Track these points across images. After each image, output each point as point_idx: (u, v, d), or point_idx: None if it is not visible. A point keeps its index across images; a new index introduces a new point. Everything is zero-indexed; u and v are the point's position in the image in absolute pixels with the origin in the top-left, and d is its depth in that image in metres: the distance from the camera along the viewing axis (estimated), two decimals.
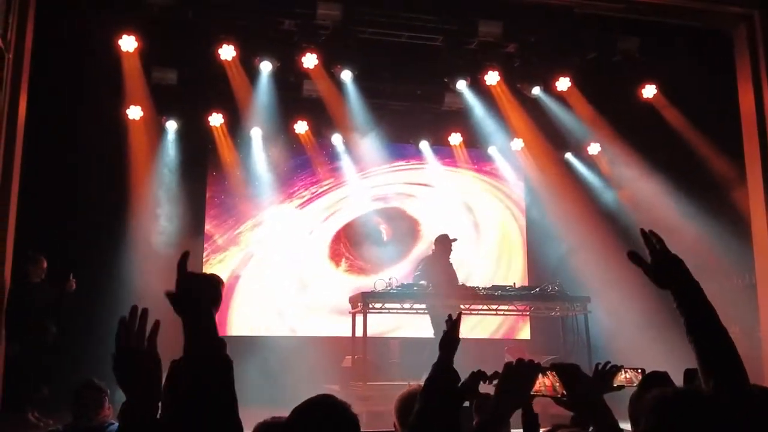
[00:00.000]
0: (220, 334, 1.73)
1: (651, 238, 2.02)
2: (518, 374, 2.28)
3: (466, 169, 12.05)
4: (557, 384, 2.31)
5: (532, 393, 2.30)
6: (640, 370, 2.92)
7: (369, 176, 11.57)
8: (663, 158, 10.25)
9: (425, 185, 11.89)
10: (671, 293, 1.96)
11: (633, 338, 9.07)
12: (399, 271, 10.07)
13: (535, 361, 2.34)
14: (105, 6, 8.58)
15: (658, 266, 1.98)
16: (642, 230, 2.05)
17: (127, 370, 1.79)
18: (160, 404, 1.79)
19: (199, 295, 1.76)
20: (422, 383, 2.41)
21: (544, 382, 2.32)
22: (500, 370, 2.43)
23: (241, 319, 10.52)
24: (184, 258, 1.79)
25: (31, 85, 7.58)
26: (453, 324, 2.58)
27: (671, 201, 9.73)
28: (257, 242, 11.01)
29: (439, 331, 8.69)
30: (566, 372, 2.30)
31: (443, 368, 2.44)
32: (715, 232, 9.07)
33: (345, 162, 11.40)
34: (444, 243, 9.11)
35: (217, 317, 1.74)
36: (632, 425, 2.66)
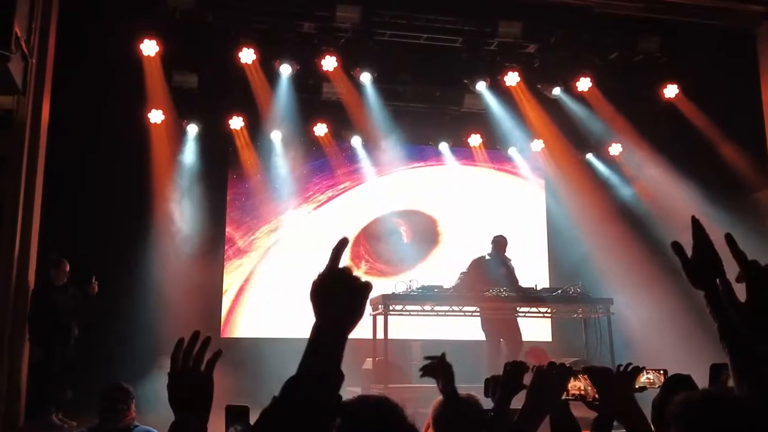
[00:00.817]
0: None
1: (702, 229, 1.92)
2: (550, 378, 2.26)
3: (486, 170, 12.00)
4: (589, 387, 2.29)
5: (564, 397, 2.28)
6: (662, 372, 2.88)
7: (388, 178, 11.56)
8: (685, 158, 10.14)
9: (445, 187, 11.84)
10: (704, 295, 1.86)
11: (655, 339, 8.99)
12: (419, 273, 10.02)
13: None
14: (126, 10, 8.65)
15: (700, 262, 1.88)
16: (693, 218, 1.92)
17: (182, 390, 1.78)
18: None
19: (341, 301, 1.49)
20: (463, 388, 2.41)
21: (576, 386, 2.30)
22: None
23: (259, 321, 10.51)
24: (340, 245, 1.54)
25: (53, 90, 7.67)
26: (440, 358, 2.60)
27: (693, 201, 9.61)
28: (275, 244, 11.02)
29: (486, 335, 8.65)
30: (599, 375, 2.28)
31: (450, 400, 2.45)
32: (737, 233, 8.91)
33: (364, 164, 11.40)
34: (497, 244, 9.10)
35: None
36: (654, 427, 2.63)
